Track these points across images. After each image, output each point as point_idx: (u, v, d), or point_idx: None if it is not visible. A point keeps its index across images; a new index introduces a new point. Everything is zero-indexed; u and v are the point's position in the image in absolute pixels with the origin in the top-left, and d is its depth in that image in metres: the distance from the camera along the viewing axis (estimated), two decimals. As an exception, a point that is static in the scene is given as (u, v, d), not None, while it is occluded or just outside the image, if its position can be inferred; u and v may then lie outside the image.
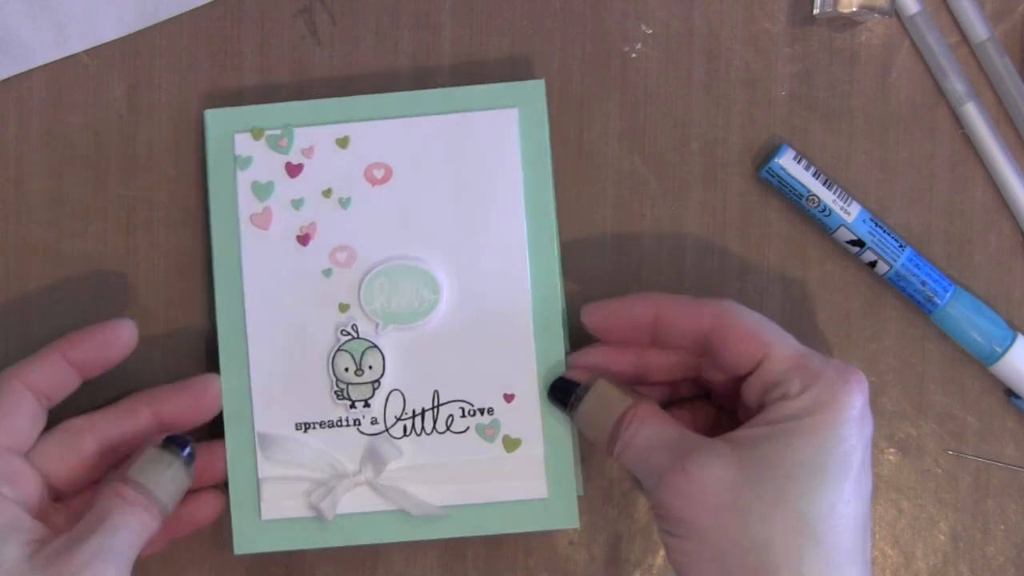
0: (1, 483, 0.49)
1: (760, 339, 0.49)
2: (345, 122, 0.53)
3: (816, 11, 0.55)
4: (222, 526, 0.55)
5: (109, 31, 0.55)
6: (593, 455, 0.56)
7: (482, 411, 0.54)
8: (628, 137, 0.56)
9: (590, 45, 0.56)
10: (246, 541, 0.54)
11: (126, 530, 0.49)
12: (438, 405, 0.54)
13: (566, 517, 0.54)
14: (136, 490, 0.50)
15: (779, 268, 0.56)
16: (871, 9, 0.54)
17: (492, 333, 0.53)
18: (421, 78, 0.56)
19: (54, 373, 0.51)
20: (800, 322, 0.56)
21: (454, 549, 0.57)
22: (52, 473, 0.52)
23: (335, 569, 0.57)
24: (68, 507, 0.53)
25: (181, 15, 0.56)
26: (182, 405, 0.53)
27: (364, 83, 0.56)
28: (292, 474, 0.54)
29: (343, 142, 0.53)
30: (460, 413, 0.54)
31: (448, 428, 0.54)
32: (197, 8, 0.55)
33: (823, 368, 0.48)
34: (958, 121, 0.56)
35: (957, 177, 0.56)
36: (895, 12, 0.55)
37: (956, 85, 0.55)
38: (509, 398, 0.54)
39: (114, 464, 0.53)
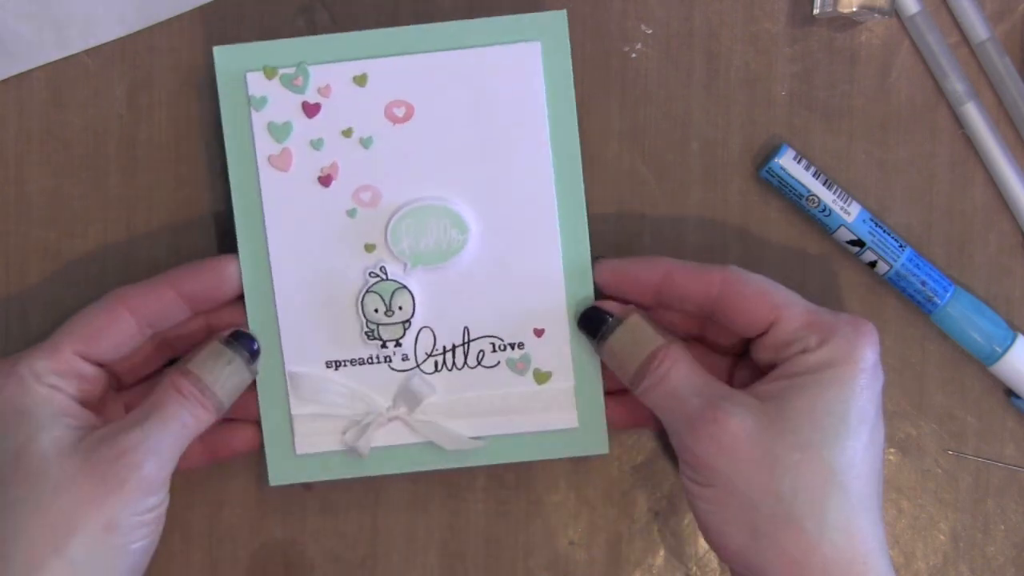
0: (57, 377, 0.50)
1: (771, 303, 0.50)
2: (362, 59, 0.52)
3: (816, 11, 0.55)
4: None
5: (109, 31, 0.55)
6: (591, 456, 0.56)
7: (512, 346, 0.54)
8: (628, 137, 0.56)
9: (590, 45, 0.56)
10: (280, 473, 0.54)
11: (176, 422, 0.49)
12: (468, 341, 0.53)
13: (596, 444, 0.54)
14: (193, 384, 0.50)
15: (779, 268, 0.56)
16: (871, 9, 0.54)
17: (521, 269, 0.53)
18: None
19: (160, 303, 0.51)
20: (800, 322, 0.56)
21: (454, 549, 0.57)
22: (94, 347, 0.51)
23: (335, 569, 0.57)
24: (125, 398, 0.53)
25: (181, 15, 0.56)
26: (200, 284, 0.52)
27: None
28: (325, 412, 0.54)
29: (361, 80, 0.52)
30: (491, 348, 0.54)
31: (479, 363, 0.54)
32: (197, 8, 0.55)
33: (837, 323, 0.49)
34: (958, 121, 0.56)
35: (957, 177, 0.56)
36: (895, 12, 0.55)
37: (956, 85, 0.55)
38: (539, 333, 0.53)
39: (151, 338, 0.53)
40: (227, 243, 0.56)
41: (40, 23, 0.55)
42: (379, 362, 0.54)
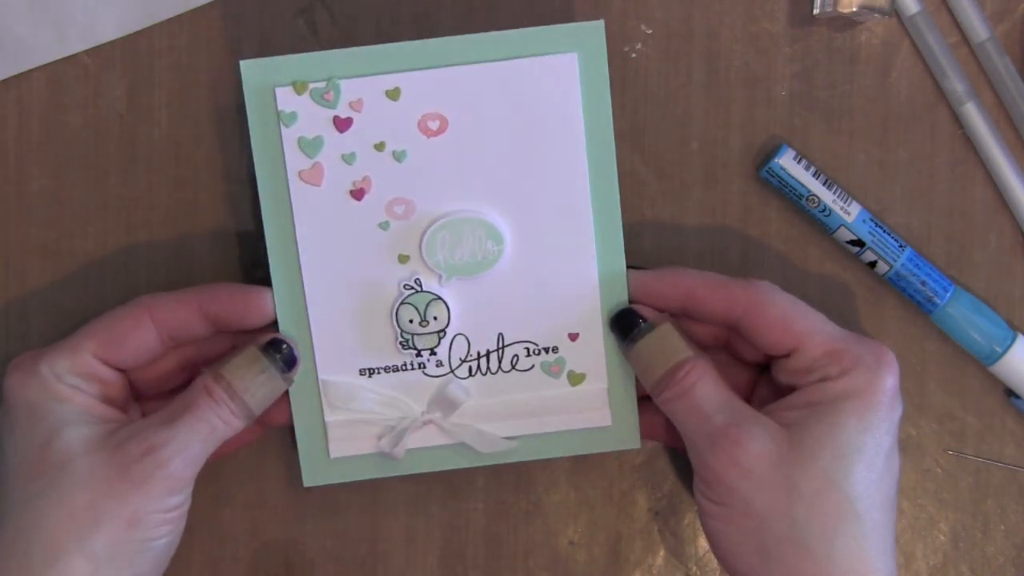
0: (77, 378, 0.50)
1: (793, 330, 0.50)
2: (394, 72, 0.52)
3: (816, 11, 0.55)
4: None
5: (109, 31, 0.55)
6: (591, 456, 0.56)
7: (547, 350, 0.53)
8: (628, 137, 0.56)
9: (590, 45, 0.56)
10: (314, 475, 0.54)
11: (205, 425, 0.49)
12: (503, 347, 0.53)
13: (628, 439, 0.54)
14: (224, 389, 0.50)
15: (779, 268, 0.56)
16: (871, 9, 0.54)
17: (556, 277, 0.53)
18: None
19: (185, 318, 0.51)
20: (800, 322, 0.56)
21: (454, 549, 0.57)
22: (114, 352, 0.51)
23: (335, 569, 0.57)
24: (146, 410, 0.53)
25: (181, 15, 0.56)
26: (227, 309, 0.51)
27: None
28: (359, 418, 0.53)
29: (393, 94, 0.51)
30: (525, 353, 0.53)
31: (513, 367, 0.53)
32: (197, 8, 0.55)
33: (860, 352, 0.49)
34: (958, 121, 0.56)
35: (957, 177, 0.56)
36: (895, 12, 0.55)
37: (956, 85, 0.55)
38: (573, 337, 0.53)
39: (175, 353, 0.53)
40: (229, 244, 0.56)
41: (40, 23, 0.55)
42: (413, 369, 0.53)
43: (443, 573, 0.57)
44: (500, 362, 0.53)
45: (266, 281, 0.53)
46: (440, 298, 0.53)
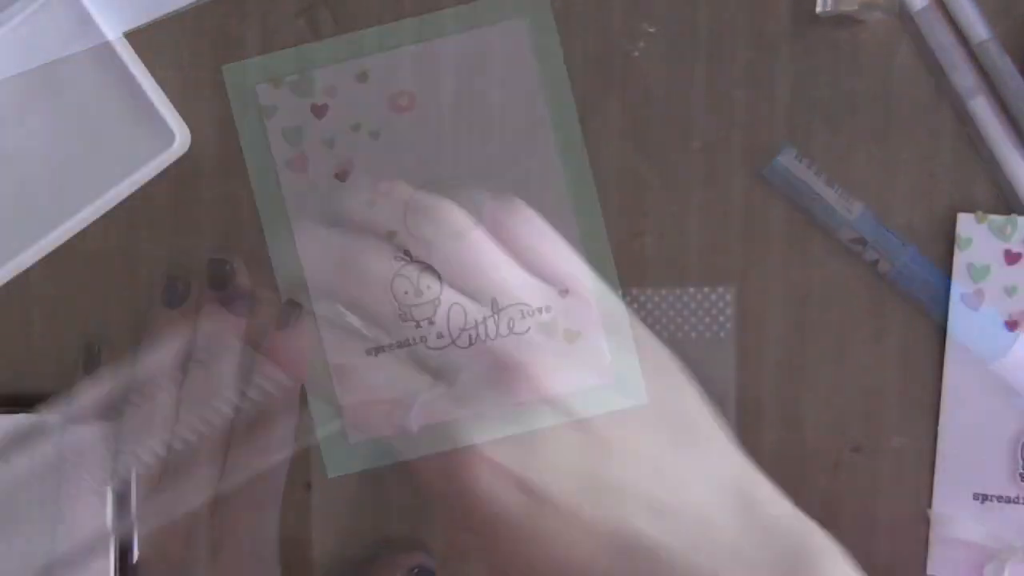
0: None
1: None
2: (361, 56, 0.55)
3: (819, 10, 0.55)
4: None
5: (109, 31, 0.55)
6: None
7: (540, 310, 0.55)
8: (629, 137, 0.56)
9: (592, 44, 0.56)
10: (336, 465, 0.56)
11: None
12: (498, 312, 0.55)
13: (635, 396, 0.55)
14: None
15: (781, 268, 0.56)
16: (874, 7, 0.54)
17: None
18: (423, 77, 0.56)
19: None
20: (802, 322, 0.56)
21: (454, 549, 0.57)
22: None
23: (335, 569, 0.57)
24: None
25: (183, 14, 0.56)
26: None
27: (366, 82, 0.56)
28: (371, 399, 0.55)
29: (362, 76, 0.55)
30: (519, 315, 0.55)
31: (511, 330, 0.55)
32: (198, 7, 0.56)
33: None
34: (960, 120, 0.56)
35: (959, 176, 0.56)
36: (898, 11, 0.56)
37: (966, 78, 0.55)
38: (563, 294, 0.55)
39: None
40: (230, 244, 0.56)
41: (41, 22, 0.55)
42: (416, 343, 0.55)
43: (443, 573, 0.57)
44: (497, 327, 0.54)
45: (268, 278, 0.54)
46: (430, 267, 0.54)
